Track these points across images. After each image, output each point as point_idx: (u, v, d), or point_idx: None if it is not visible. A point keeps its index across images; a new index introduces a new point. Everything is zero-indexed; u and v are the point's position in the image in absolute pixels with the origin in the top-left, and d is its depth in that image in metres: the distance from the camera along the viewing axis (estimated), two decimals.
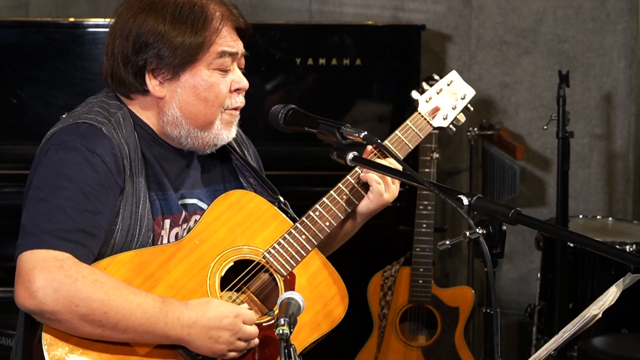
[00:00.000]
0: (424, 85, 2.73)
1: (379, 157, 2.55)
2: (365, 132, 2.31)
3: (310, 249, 2.45)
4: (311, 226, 2.46)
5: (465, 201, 2.11)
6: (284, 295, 2.11)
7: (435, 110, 2.70)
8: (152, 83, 2.36)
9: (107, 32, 4.48)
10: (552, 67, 5.05)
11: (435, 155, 4.48)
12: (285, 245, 2.43)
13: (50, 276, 2.13)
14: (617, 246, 4.17)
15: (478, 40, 5.17)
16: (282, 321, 2.03)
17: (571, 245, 4.39)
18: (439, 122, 2.69)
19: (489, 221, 2.08)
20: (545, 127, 4.35)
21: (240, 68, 2.45)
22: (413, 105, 2.70)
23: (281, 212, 2.50)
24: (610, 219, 4.95)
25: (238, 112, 2.46)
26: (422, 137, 2.66)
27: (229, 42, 2.38)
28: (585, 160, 5.21)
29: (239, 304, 2.38)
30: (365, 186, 2.54)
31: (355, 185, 2.53)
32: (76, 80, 4.55)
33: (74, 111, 2.39)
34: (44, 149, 2.31)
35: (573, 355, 4.27)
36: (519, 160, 4.85)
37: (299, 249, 2.44)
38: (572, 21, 5.13)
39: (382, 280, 4.46)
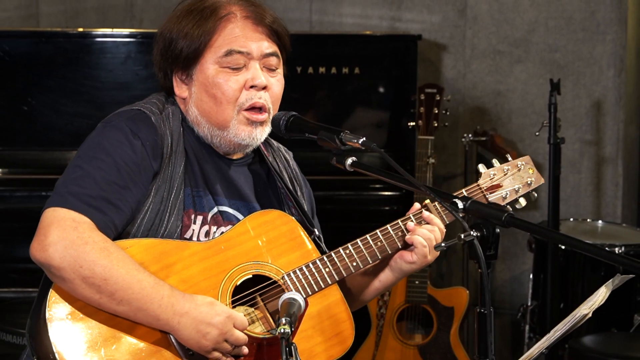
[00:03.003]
0: (494, 161, 2.68)
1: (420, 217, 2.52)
2: (364, 138, 2.32)
3: (330, 282, 2.42)
4: (337, 262, 2.43)
5: (460, 205, 2.15)
6: (285, 295, 2.12)
7: (497, 187, 2.64)
8: (177, 85, 2.45)
9: (114, 42, 4.66)
10: (544, 76, 5.06)
11: (431, 160, 4.52)
12: (307, 272, 2.41)
13: (63, 234, 2.19)
14: (607, 248, 4.19)
15: (472, 50, 5.20)
16: (283, 320, 2.03)
17: (562, 247, 4.42)
18: (496, 199, 2.63)
19: (482, 224, 2.12)
20: (537, 134, 4.39)
21: (268, 68, 2.44)
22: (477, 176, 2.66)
23: (312, 242, 2.49)
24: (599, 222, 4.96)
25: (261, 116, 2.43)
26: None
27: (241, 41, 2.40)
28: (576, 165, 5.22)
29: (253, 319, 2.37)
30: (403, 240, 2.50)
31: (394, 236, 2.50)
32: (85, 89, 4.61)
33: (135, 102, 2.47)
34: (96, 127, 2.40)
35: (564, 353, 4.29)
36: None
37: (319, 279, 2.41)
38: (563, 31, 5.15)
39: None
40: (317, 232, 2.53)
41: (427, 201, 2.55)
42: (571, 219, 5.03)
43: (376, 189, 4.60)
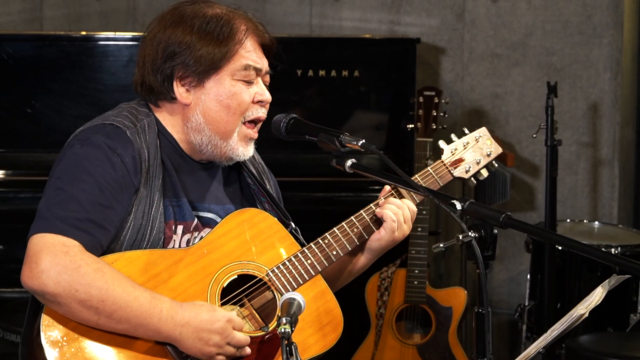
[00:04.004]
0: (453, 136, 2.72)
1: (394, 196, 2.56)
2: (363, 140, 2.34)
3: (313, 273, 2.45)
4: (318, 252, 2.46)
5: (458, 206, 2.17)
6: (285, 295, 2.12)
7: (459, 161, 2.67)
8: (179, 90, 2.43)
9: (117, 45, 4.69)
10: (541, 79, 5.08)
11: (430, 162, 4.55)
12: (290, 267, 2.43)
13: (55, 260, 2.16)
14: (603, 249, 4.16)
15: (470, 53, 5.22)
16: (284, 320, 2.04)
17: (559, 248, 4.44)
18: (460, 173, 2.67)
19: (480, 225, 2.16)
20: (534, 136, 4.40)
21: (264, 85, 2.50)
22: (439, 152, 2.70)
23: (291, 236, 2.51)
24: (596, 223, 4.98)
25: (256, 131, 2.49)
26: (441, 184, 2.64)
27: (254, 57, 2.45)
28: (573, 167, 5.24)
29: (241, 318, 2.39)
30: (378, 223, 2.53)
31: (368, 221, 2.52)
32: (87, 91, 4.63)
33: (105, 113, 2.44)
34: (70, 143, 2.37)
35: (561, 352, 4.33)
36: (510, 167, 4.90)
37: (303, 272, 2.44)
38: (560, 35, 5.18)
39: (379, 281, 4.53)
40: (293, 225, 2.55)
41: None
42: (568, 220, 5.05)
43: (375, 190, 4.58)
